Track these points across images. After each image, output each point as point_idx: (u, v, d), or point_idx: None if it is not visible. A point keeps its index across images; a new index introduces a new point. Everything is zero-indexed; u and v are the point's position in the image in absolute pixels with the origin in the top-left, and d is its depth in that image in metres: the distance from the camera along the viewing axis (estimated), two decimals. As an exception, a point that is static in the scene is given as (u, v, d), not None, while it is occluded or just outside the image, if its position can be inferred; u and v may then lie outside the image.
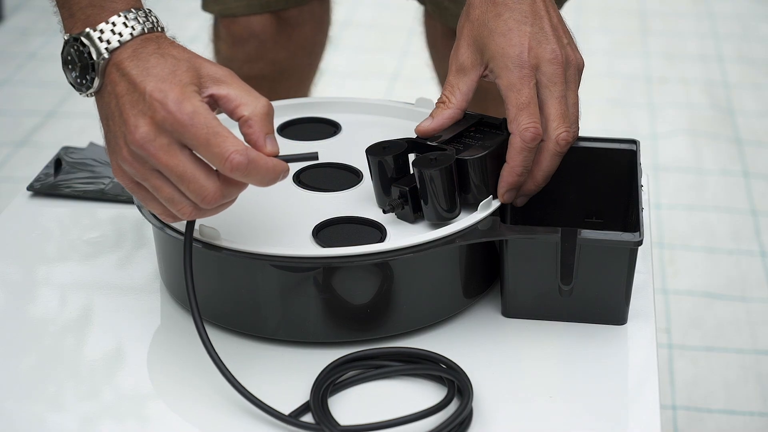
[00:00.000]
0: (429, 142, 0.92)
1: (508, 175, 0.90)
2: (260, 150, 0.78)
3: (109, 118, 0.81)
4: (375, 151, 0.91)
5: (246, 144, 0.78)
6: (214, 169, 0.78)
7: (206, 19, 1.54)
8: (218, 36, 1.47)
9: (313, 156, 0.83)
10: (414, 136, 0.94)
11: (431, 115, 0.93)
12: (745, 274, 1.97)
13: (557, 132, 0.90)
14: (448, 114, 0.93)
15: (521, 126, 0.88)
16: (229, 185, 0.78)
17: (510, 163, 0.90)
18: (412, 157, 0.92)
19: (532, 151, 0.89)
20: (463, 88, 0.93)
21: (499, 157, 0.91)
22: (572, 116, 0.91)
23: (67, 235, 1.05)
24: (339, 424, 0.80)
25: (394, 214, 0.91)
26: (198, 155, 0.78)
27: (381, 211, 0.92)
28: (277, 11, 1.41)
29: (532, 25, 0.90)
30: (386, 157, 0.90)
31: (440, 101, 0.93)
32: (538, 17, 0.91)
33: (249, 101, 0.79)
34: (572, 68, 0.91)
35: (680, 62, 2.79)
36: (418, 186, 0.89)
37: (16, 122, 2.49)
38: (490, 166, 0.90)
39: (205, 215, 0.80)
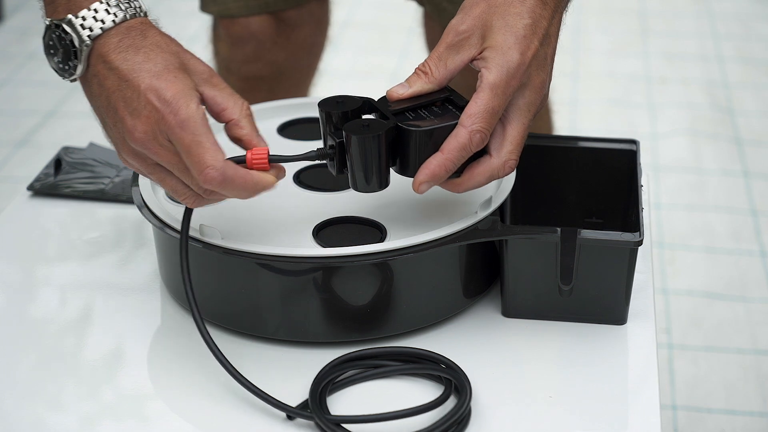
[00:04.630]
0: (385, 108, 0.86)
1: (438, 166, 0.84)
2: (254, 146, 0.81)
3: (102, 111, 0.82)
4: (326, 104, 0.87)
5: (227, 156, 0.79)
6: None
7: (206, 20, 1.54)
8: (217, 37, 1.47)
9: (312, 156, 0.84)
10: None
11: (407, 81, 0.87)
12: (745, 274, 1.97)
13: (509, 156, 0.86)
14: (425, 88, 0.87)
15: (476, 125, 0.83)
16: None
17: (445, 154, 0.84)
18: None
19: (469, 154, 0.85)
20: (450, 65, 0.87)
21: (443, 139, 0.85)
22: (522, 149, 0.88)
23: (67, 235, 1.05)
24: (331, 414, 0.79)
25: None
26: None
27: (381, 211, 0.92)
28: (276, 12, 1.41)
29: (541, 44, 0.86)
30: (334, 111, 0.86)
31: (422, 70, 0.87)
32: (547, 40, 0.87)
33: (233, 104, 0.82)
34: (541, 108, 0.88)
35: (680, 62, 2.79)
36: (345, 148, 0.84)
37: (15, 122, 2.49)
38: (432, 145, 0.84)
39: (207, 203, 0.82)
